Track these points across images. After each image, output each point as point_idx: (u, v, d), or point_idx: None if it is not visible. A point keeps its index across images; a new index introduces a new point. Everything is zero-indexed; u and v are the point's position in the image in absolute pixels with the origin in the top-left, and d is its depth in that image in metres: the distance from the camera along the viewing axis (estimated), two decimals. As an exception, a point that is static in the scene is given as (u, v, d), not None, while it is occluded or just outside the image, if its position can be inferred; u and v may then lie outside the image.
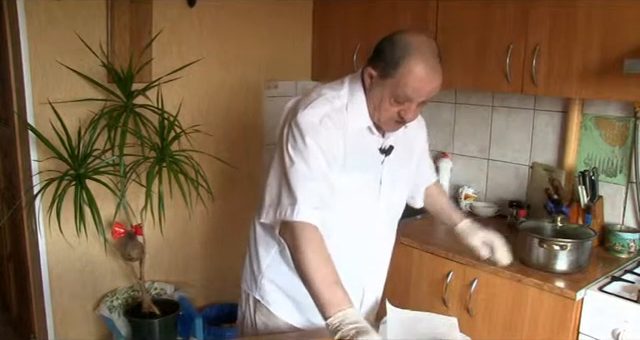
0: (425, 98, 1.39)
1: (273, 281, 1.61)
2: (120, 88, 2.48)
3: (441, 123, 3.01)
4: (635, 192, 2.30)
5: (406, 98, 1.37)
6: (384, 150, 1.52)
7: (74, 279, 2.68)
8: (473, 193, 2.87)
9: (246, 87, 3.04)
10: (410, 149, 1.63)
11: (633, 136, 2.27)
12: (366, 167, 1.50)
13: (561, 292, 1.95)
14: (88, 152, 2.40)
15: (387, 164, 1.54)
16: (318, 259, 1.31)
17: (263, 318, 1.65)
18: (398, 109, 1.40)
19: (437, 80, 1.37)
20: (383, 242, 1.65)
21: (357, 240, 1.54)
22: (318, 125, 1.39)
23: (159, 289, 2.87)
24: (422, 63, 1.34)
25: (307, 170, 1.37)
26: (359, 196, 1.51)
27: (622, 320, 1.84)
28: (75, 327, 2.72)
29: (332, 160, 1.41)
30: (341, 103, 1.45)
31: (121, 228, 2.59)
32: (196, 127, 2.69)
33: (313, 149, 1.38)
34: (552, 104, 2.55)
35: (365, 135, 1.48)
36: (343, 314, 1.22)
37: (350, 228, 1.52)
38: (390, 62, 1.35)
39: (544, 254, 2.06)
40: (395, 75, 1.35)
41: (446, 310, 2.28)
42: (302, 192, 1.36)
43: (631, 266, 2.14)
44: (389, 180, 1.55)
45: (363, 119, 1.46)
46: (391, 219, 1.65)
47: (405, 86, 1.35)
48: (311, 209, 1.35)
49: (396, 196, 1.62)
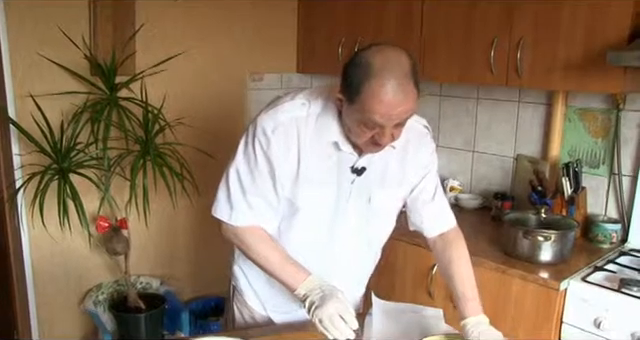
0: (398, 121, 1.24)
1: (241, 268, 1.64)
2: (103, 81, 2.45)
3: (426, 116, 2.96)
4: (617, 184, 2.32)
5: (374, 124, 1.23)
6: (356, 169, 1.41)
7: (58, 274, 2.65)
8: (458, 185, 2.88)
9: (231, 80, 3.02)
10: (396, 173, 1.48)
11: (615, 128, 2.29)
12: (328, 182, 1.41)
13: (545, 283, 1.97)
14: (71, 146, 2.37)
15: (357, 184, 1.43)
16: (263, 248, 1.42)
17: (239, 305, 1.68)
18: (371, 134, 1.27)
19: (406, 103, 1.21)
20: (350, 262, 1.55)
21: (316, 255, 1.48)
22: (270, 134, 1.34)
23: (145, 283, 2.86)
24: (386, 85, 1.18)
25: (249, 183, 1.39)
26: (321, 212, 1.44)
27: (604, 309, 1.87)
28: (60, 322, 2.70)
29: (278, 171, 1.37)
30: (309, 112, 1.36)
31: (105, 222, 2.57)
32: (180, 120, 2.67)
33: (260, 160, 1.36)
34: (536, 96, 2.57)
35: (331, 150, 1.38)
36: (304, 285, 1.35)
37: (310, 241, 1.48)
38: (352, 87, 1.22)
39: (528, 245, 2.07)
40: (358, 101, 1.21)
41: (431, 302, 2.30)
42: (239, 202, 1.41)
43: (613, 256, 2.16)
44: (360, 202, 1.45)
45: (331, 134, 1.36)
46: (364, 242, 1.56)
47: (370, 112, 1.21)
48: (247, 216, 1.42)
49: (373, 220, 1.52)
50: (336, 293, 1.32)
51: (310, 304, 1.32)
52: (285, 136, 1.35)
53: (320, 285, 1.35)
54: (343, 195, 1.44)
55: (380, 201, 1.48)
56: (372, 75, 1.19)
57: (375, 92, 1.19)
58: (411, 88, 1.22)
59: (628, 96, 2.24)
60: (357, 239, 1.53)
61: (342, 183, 1.42)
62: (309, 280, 1.36)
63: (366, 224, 1.51)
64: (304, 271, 1.38)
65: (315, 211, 1.43)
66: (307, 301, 1.33)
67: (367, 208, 1.47)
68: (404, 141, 1.41)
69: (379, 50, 1.24)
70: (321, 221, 1.46)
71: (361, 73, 1.21)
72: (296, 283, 1.36)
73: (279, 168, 1.37)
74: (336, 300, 1.30)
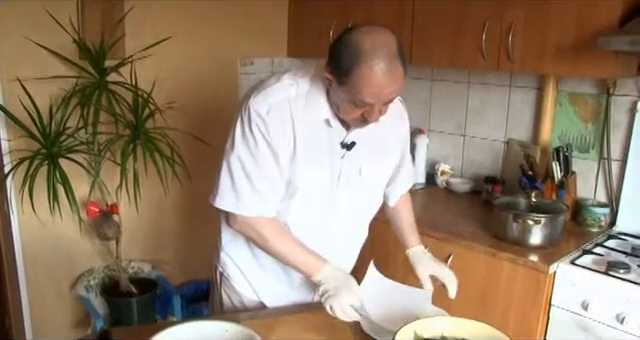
0: (386, 101, 1.30)
1: (229, 255, 1.65)
2: (92, 65, 2.43)
3: (417, 100, 3.02)
4: (606, 168, 2.34)
5: (364, 104, 1.28)
6: (345, 144, 1.44)
7: (49, 259, 2.65)
8: (449, 169, 2.89)
9: (221, 64, 3.00)
10: (383, 146, 1.54)
11: (605, 113, 2.30)
12: (322, 160, 1.44)
13: (534, 266, 1.99)
14: (60, 130, 2.35)
15: (348, 159, 1.46)
16: (281, 242, 1.45)
17: (228, 291, 1.68)
18: (360, 111, 1.31)
19: (395, 83, 1.25)
20: (345, 236, 1.59)
21: (313, 233, 1.50)
22: (265, 115, 1.35)
23: (136, 268, 2.86)
24: (375, 68, 1.22)
25: (254, 169, 1.39)
26: (315, 189, 1.46)
27: (591, 291, 1.90)
28: (51, 307, 2.71)
29: (278, 152, 1.38)
30: (298, 92, 1.38)
31: (96, 207, 2.56)
32: (171, 104, 2.65)
33: (260, 143, 1.37)
34: (528, 81, 2.57)
35: (322, 128, 1.41)
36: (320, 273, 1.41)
37: (305, 221, 1.49)
38: (342, 69, 1.25)
39: (518, 229, 2.09)
40: (348, 83, 1.25)
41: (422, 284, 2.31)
42: (245, 190, 1.40)
43: (601, 239, 2.19)
44: (351, 176, 1.48)
45: (321, 111, 1.39)
46: (357, 216, 1.60)
47: (360, 93, 1.25)
48: (255, 204, 1.41)
49: (363, 193, 1.55)
50: (349, 284, 1.40)
51: (324, 292, 1.38)
52: (280, 117, 1.36)
53: (334, 274, 1.41)
54: (335, 171, 1.46)
55: (370, 173, 1.52)
56: (361, 58, 1.22)
57: (365, 74, 1.22)
58: (399, 68, 1.25)
59: (618, 81, 2.25)
60: (350, 214, 1.55)
61: (334, 159, 1.45)
62: (325, 269, 1.41)
63: (358, 198, 1.54)
64: (320, 260, 1.43)
65: (312, 189, 1.45)
66: (322, 288, 1.39)
67: (358, 181, 1.50)
68: (386, 115, 1.44)
69: (367, 32, 1.26)
70: (318, 199, 1.48)
71: (350, 55, 1.23)
72: (312, 271, 1.42)
73: (278, 148, 1.38)
74: (348, 292, 1.37)
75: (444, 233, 2.24)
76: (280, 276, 1.58)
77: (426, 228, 2.30)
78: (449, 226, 2.32)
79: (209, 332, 1.24)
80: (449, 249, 2.21)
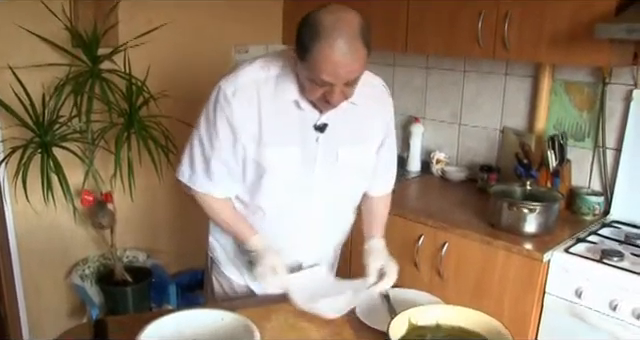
0: (347, 80, 1.28)
1: (217, 240, 1.67)
2: (85, 53, 2.40)
3: (413, 88, 3.01)
4: (601, 156, 2.35)
5: (323, 82, 1.27)
6: (318, 127, 1.43)
7: (43, 248, 2.64)
8: (444, 158, 2.89)
9: (216, 52, 2.97)
10: (364, 131, 1.52)
11: (601, 101, 2.30)
12: (292, 142, 1.43)
13: (529, 254, 2.00)
14: (54, 119, 2.33)
15: (323, 143, 1.45)
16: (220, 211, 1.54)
17: (218, 276, 1.70)
18: (321, 91, 1.30)
19: (354, 63, 1.24)
20: (325, 222, 1.58)
21: (289, 216, 1.52)
22: (231, 97, 1.38)
23: (131, 257, 2.86)
24: (334, 46, 1.21)
25: (209, 149, 1.44)
26: (288, 172, 1.46)
27: (585, 279, 1.91)
28: (46, 296, 2.70)
29: (241, 134, 1.40)
30: (269, 74, 1.39)
31: (90, 196, 2.56)
32: (165, 92, 2.63)
33: (220, 126, 1.40)
34: (523, 69, 2.56)
35: (292, 110, 1.41)
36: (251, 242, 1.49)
37: (280, 204, 1.50)
38: (303, 46, 1.25)
39: (513, 217, 2.10)
40: (308, 59, 1.25)
41: (417, 273, 2.33)
42: (200, 167, 1.48)
43: (595, 228, 2.20)
44: (328, 160, 1.47)
45: (291, 93, 1.39)
46: (337, 202, 1.58)
47: (318, 71, 1.24)
48: (206, 183, 1.49)
49: (343, 179, 1.53)
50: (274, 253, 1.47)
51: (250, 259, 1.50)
52: (246, 98, 1.38)
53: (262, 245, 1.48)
54: (310, 154, 1.45)
55: (347, 158, 1.50)
56: (321, 35, 1.22)
57: (323, 51, 1.22)
58: (360, 48, 1.24)
59: (614, 70, 2.25)
60: (329, 199, 1.54)
61: (307, 142, 1.44)
62: (254, 238, 1.49)
63: (337, 183, 1.52)
64: (251, 231, 1.51)
65: (282, 171, 1.45)
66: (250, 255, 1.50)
67: (335, 166, 1.49)
68: (365, 98, 1.45)
69: (330, 11, 1.26)
70: (289, 182, 1.47)
71: (311, 32, 1.23)
72: (244, 239, 1.50)
73: (240, 129, 1.40)
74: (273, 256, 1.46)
75: (439, 221, 2.24)
76: None
77: (421, 216, 2.31)
78: (444, 214, 2.32)
79: (205, 320, 1.24)
80: (444, 237, 2.22)
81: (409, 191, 2.75)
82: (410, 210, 2.38)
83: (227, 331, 1.22)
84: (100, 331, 1.33)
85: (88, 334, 1.34)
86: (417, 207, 2.46)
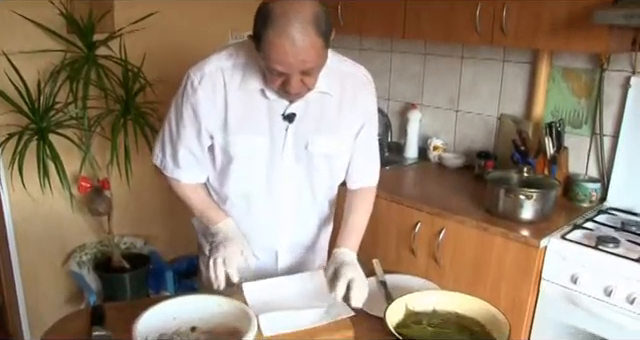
0: (302, 70, 1.24)
1: (201, 226, 1.68)
2: (80, 39, 2.39)
3: (410, 74, 3.00)
4: (598, 143, 2.35)
5: (278, 72, 1.24)
6: (286, 116, 1.41)
7: (41, 235, 2.64)
8: (442, 144, 2.89)
9: (213, 37, 2.94)
10: (337, 121, 1.48)
11: (598, 88, 2.30)
12: (259, 131, 1.41)
13: (526, 240, 2.01)
14: (49, 105, 2.33)
15: (293, 132, 1.43)
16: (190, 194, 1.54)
17: (204, 259, 1.70)
18: (279, 81, 1.28)
19: (307, 52, 1.20)
20: (297, 211, 1.56)
21: (258, 204, 1.51)
22: (197, 84, 1.38)
23: (128, 243, 2.86)
24: (281, 36, 1.18)
25: (176, 135, 1.46)
26: (256, 160, 1.45)
27: (580, 265, 1.92)
28: (44, 284, 2.71)
29: (207, 122, 1.40)
30: (235, 62, 1.38)
31: (87, 183, 2.55)
32: (162, 78, 2.61)
33: (186, 114, 1.41)
34: (521, 56, 2.55)
35: (259, 98, 1.39)
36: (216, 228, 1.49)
37: (249, 192, 1.50)
38: (257, 35, 1.23)
39: (510, 204, 2.10)
40: (261, 49, 1.23)
41: (414, 260, 2.34)
42: (168, 153, 1.50)
43: (592, 214, 2.20)
44: (297, 149, 1.46)
45: (257, 81, 1.37)
46: (310, 192, 1.55)
47: (270, 60, 1.22)
48: (174, 169, 1.50)
49: (314, 168, 1.51)
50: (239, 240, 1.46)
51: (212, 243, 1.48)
52: (211, 86, 1.38)
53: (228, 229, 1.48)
54: (278, 143, 1.44)
55: (317, 147, 1.48)
56: (270, 23, 1.19)
57: (272, 40, 1.19)
58: (311, 37, 1.20)
59: (612, 56, 2.24)
60: (299, 189, 1.53)
61: (275, 131, 1.43)
62: (221, 223, 1.49)
63: (307, 173, 1.51)
64: (220, 215, 1.51)
65: (249, 159, 1.45)
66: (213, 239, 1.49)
67: (305, 155, 1.48)
68: (340, 88, 1.44)
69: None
70: (257, 170, 1.47)
71: (262, 21, 1.21)
72: (211, 223, 1.50)
73: (206, 117, 1.40)
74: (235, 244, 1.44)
75: (436, 208, 2.24)
76: None
77: (418, 203, 2.31)
78: (441, 201, 2.33)
79: (202, 307, 1.25)
80: (441, 224, 2.22)
81: (406, 178, 2.75)
82: (407, 197, 2.38)
83: (225, 317, 1.23)
84: (97, 317, 1.34)
85: (86, 320, 1.34)
86: (414, 194, 2.47)
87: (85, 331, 1.30)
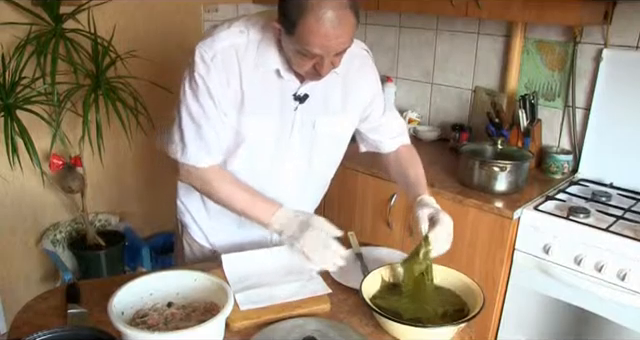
0: (336, 52, 1.24)
1: (184, 204, 1.66)
2: (46, 11, 2.31)
3: (385, 47, 2.98)
4: (571, 116, 2.38)
5: (313, 55, 1.23)
6: (298, 97, 1.40)
7: (12, 214, 2.59)
8: (417, 117, 2.90)
9: (185, 11, 2.89)
10: (344, 100, 1.48)
11: (572, 61, 2.31)
12: (271, 111, 1.40)
13: (499, 212, 2.04)
14: (16, 80, 2.25)
15: (301, 111, 1.42)
16: (229, 188, 1.40)
17: (188, 239, 1.69)
18: (311, 63, 1.26)
19: (344, 34, 1.20)
20: (298, 189, 1.55)
21: (259, 182, 1.47)
22: (210, 62, 1.31)
23: (103, 221, 2.83)
24: (322, 18, 1.16)
25: (201, 115, 1.35)
26: (262, 140, 1.43)
27: (552, 236, 1.96)
28: (17, 263, 2.67)
29: (220, 101, 1.35)
30: (248, 39, 1.33)
31: (59, 160, 2.51)
32: (132, 52, 2.56)
33: (203, 90, 1.33)
34: (496, 28, 2.55)
35: (273, 78, 1.37)
36: (276, 219, 1.34)
37: (252, 171, 1.47)
38: (289, 20, 1.20)
39: (484, 176, 2.13)
40: (296, 34, 1.20)
41: (390, 232, 2.36)
42: (192, 138, 1.37)
43: (564, 186, 2.24)
44: (304, 129, 1.45)
45: (271, 61, 1.34)
46: (313, 170, 1.55)
47: (308, 44, 1.20)
48: (202, 154, 1.38)
49: (319, 147, 1.51)
50: (312, 221, 1.32)
51: (289, 239, 1.33)
52: (224, 64, 1.32)
53: (293, 217, 1.34)
54: (287, 123, 1.43)
55: (325, 127, 1.47)
56: (308, 8, 1.16)
57: (312, 25, 1.17)
58: (349, 18, 1.20)
59: (585, 29, 2.25)
60: (304, 168, 1.52)
61: (285, 111, 1.41)
62: (279, 214, 1.35)
63: (312, 152, 1.51)
64: (273, 205, 1.37)
65: (259, 140, 1.42)
66: (285, 238, 1.34)
67: (312, 135, 1.47)
68: (346, 67, 1.41)
69: None
70: (265, 150, 1.45)
71: (297, 5, 1.17)
72: (267, 217, 1.35)
73: (219, 96, 1.34)
74: (312, 229, 1.30)
75: (412, 181, 2.26)
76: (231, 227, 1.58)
77: (394, 177, 2.32)
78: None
79: (179, 282, 1.24)
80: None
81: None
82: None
83: (201, 291, 1.23)
84: (72, 295, 1.32)
85: (60, 298, 1.33)
86: (390, 167, 2.47)
87: (60, 309, 1.29)
